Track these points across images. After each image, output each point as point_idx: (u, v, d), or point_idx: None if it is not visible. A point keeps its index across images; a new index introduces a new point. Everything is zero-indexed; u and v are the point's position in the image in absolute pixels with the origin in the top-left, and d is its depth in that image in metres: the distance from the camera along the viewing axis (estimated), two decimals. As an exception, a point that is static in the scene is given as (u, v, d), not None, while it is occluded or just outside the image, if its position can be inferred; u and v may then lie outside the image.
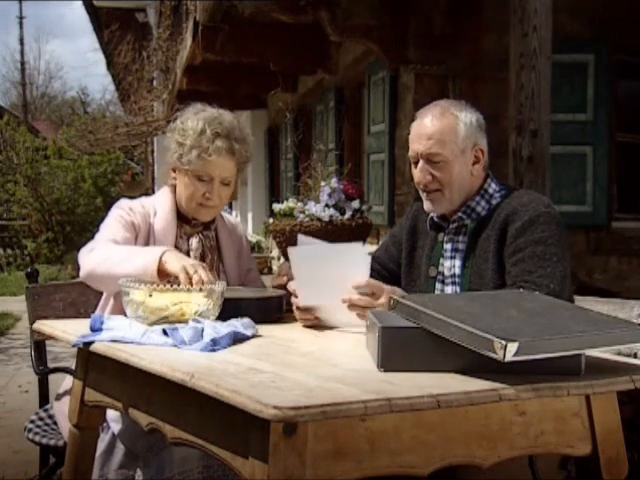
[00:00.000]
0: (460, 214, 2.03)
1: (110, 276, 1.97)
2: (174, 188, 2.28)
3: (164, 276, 1.92)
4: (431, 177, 2.00)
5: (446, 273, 2.06)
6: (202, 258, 2.25)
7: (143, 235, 2.19)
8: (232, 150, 2.18)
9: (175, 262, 1.91)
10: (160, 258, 1.92)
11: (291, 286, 1.95)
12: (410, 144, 2.05)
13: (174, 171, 2.26)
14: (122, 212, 2.20)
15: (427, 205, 2.05)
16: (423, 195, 2.05)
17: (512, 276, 1.87)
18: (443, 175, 1.99)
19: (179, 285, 1.82)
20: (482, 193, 2.03)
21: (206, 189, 2.19)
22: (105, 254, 2.03)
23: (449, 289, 2.05)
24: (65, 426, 2.03)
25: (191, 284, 1.83)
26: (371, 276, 2.16)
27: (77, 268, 2.12)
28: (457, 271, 2.03)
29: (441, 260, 2.07)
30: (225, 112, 2.26)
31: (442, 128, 1.98)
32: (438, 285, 2.06)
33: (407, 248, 2.16)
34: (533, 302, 1.55)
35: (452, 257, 2.05)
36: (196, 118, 2.20)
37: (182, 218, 2.27)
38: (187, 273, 1.86)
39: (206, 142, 2.15)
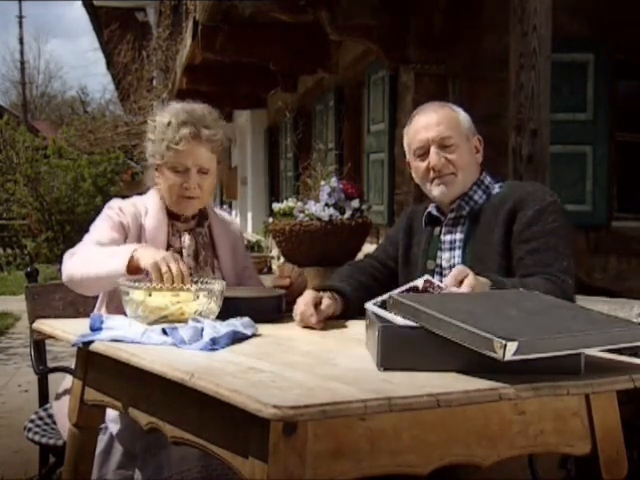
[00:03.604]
0: (459, 201, 2.07)
1: (89, 279, 2.00)
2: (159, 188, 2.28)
3: (140, 273, 1.92)
4: (445, 160, 2.05)
5: (444, 265, 2.08)
6: (196, 255, 2.24)
7: (133, 235, 2.18)
8: (199, 135, 2.17)
9: (148, 258, 1.89)
10: (131, 257, 1.91)
11: (301, 307, 1.90)
12: (416, 137, 2.09)
13: (156, 170, 2.26)
14: (111, 212, 2.20)
15: (438, 191, 2.07)
16: (434, 182, 2.07)
17: (528, 265, 1.90)
18: (456, 158, 2.05)
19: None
20: (478, 184, 2.09)
21: (183, 179, 2.18)
22: (84, 258, 2.04)
23: None
24: (65, 426, 2.03)
25: (162, 281, 1.82)
26: (373, 274, 2.18)
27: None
28: (457, 261, 2.05)
29: (439, 253, 2.10)
30: (195, 104, 2.26)
31: (447, 115, 2.08)
32: (436, 277, 2.08)
33: (403, 246, 2.20)
34: (533, 301, 1.55)
35: (451, 249, 2.08)
36: (163, 113, 2.23)
37: (173, 216, 2.26)
38: (159, 270, 1.84)
39: (172, 132, 2.17)
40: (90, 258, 2.03)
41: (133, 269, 1.90)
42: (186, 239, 2.24)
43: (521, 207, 1.96)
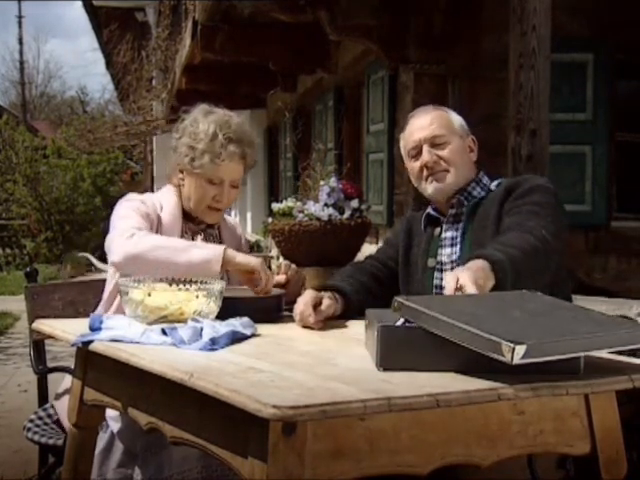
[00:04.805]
0: (458, 197, 2.11)
1: (167, 262, 1.96)
2: (179, 188, 2.30)
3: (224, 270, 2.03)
4: (437, 157, 2.10)
5: (445, 260, 2.10)
6: None
7: (154, 227, 2.20)
8: (244, 155, 2.23)
9: (247, 257, 2.02)
10: (224, 252, 1.98)
11: (300, 306, 1.90)
12: (409, 139, 2.15)
13: (181, 172, 2.27)
14: (137, 203, 2.21)
15: (432, 187, 2.11)
16: (428, 179, 2.12)
17: (506, 224, 1.94)
18: (448, 155, 2.10)
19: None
20: (477, 181, 2.14)
21: (217, 192, 2.22)
22: (157, 241, 2.03)
23: None
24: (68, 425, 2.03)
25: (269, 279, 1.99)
26: (374, 275, 2.19)
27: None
28: (459, 255, 2.07)
29: (439, 250, 2.12)
30: (232, 114, 2.28)
31: (439, 116, 2.15)
32: (437, 274, 2.11)
33: (403, 247, 2.22)
34: (535, 303, 1.54)
35: (452, 244, 2.11)
36: (207, 121, 2.21)
37: (186, 216, 2.29)
38: (265, 268, 1.99)
39: (219, 147, 2.17)
40: (166, 243, 2.02)
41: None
42: (198, 239, 2.28)
43: (515, 188, 2.02)
